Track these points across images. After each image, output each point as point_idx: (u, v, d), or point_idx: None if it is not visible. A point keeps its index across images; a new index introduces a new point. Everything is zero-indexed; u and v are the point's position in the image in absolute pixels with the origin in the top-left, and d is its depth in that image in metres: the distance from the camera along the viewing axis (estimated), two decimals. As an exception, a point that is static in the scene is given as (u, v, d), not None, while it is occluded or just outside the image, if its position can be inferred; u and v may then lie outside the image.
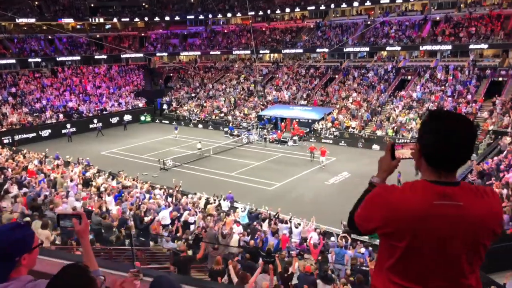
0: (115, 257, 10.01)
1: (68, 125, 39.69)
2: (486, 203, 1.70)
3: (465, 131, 1.68)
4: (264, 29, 52.80)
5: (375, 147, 31.61)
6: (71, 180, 17.07)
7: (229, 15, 55.63)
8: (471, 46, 36.49)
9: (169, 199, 17.52)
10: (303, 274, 9.67)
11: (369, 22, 45.07)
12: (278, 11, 51.92)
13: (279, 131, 34.98)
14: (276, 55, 51.29)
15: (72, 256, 4.53)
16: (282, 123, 36.77)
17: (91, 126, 41.29)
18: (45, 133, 38.58)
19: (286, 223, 15.67)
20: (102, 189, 17.22)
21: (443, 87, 34.93)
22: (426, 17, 41.57)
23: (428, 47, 39.21)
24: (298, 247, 13.92)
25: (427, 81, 36.53)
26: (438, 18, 41.18)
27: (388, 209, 1.72)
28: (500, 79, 34.33)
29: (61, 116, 41.03)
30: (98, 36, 55.44)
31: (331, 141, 33.36)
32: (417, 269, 1.72)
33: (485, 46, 36.05)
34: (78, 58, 50.89)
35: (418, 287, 1.72)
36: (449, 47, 37.85)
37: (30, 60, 47.50)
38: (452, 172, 1.74)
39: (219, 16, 56.92)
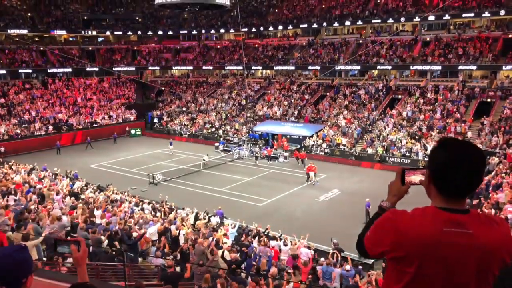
0: (101, 273, 9.79)
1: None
2: (496, 231, 1.70)
3: (474, 158, 1.69)
4: (256, 45, 53.27)
5: (365, 164, 31.78)
6: (57, 194, 16.79)
7: (222, 31, 56.10)
8: (461, 67, 37.11)
9: (158, 214, 17.31)
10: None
11: (360, 41, 45.73)
12: (271, 28, 52.52)
13: (269, 148, 34.90)
14: (268, 71, 51.65)
15: (61, 275, 4.41)
16: (275, 142, 36.73)
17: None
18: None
19: (276, 240, 15.54)
20: (90, 201, 16.97)
21: (432, 107, 35.36)
22: (416, 37, 42.30)
23: (419, 67, 39.80)
24: (288, 264, 13.81)
25: (417, 100, 36.97)
26: (428, 39, 41.93)
27: (397, 234, 1.73)
28: (489, 99, 34.89)
29: (50, 127, 40.64)
30: (90, 48, 55.47)
31: (321, 159, 33.43)
32: None
33: (474, 67, 36.70)
34: (70, 70, 50.70)
35: None
36: (439, 67, 38.47)
37: (20, 71, 47.28)
38: (461, 199, 1.75)
39: (212, 31, 57.39)
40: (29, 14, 52.70)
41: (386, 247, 1.77)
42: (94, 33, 55.86)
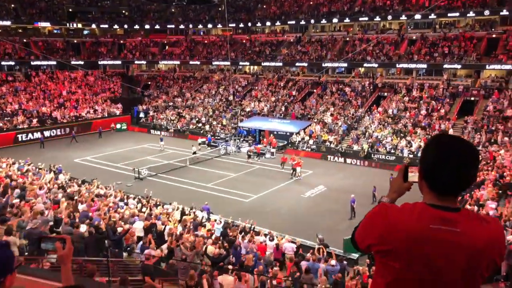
0: (84, 268, 9.67)
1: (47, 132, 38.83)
2: (486, 231, 1.66)
3: (464, 155, 1.66)
4: (244, 41, 53.11)
5: (351, 161, 32.03)
6: (40, 188, 16.53)
7: (209, 26, 55.78)
8: (445, 66, 37.58)
9: (144, 210, 17.19)
10: (274, 286, 9.62)
11: (347, 39, 45.95)
12: (258, 24, 52.40)
13: (258, 145, 34.70)
14: (255, 67, 51.58)
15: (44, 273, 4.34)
16: (264, 139, 36.54)
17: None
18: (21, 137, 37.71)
19: (262, 235, 15.59)
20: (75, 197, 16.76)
21: (418, 104, 35.76)
22: (403, 36, 42.66)
23: (404, 65, 40.19)
24: (275, 256, 13.93)
25: (402, 97, 37.34)
26: (414, 37, 42.34)
27: (384, 228, 1.72)
28: (472, 98, 35.43)
29: (34, 121, 39.97)
30: (75, 41, 54.61)
31: (308, 154, 33.60)
32: None
33: (459, 66, 37.21)
34: (54, 63, 49.83)
35: None
36: (424, 65, 38.91)
37: (3, 63, 46.39)
38: (452, 196, 1.72)
39: (200, 26, 57.03)
40: (12, 5, 51.60)
41: (374, 240, 1.76)
42: (80, 25, 54.99)
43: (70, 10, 55.34)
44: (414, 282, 1.68)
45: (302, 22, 49.11)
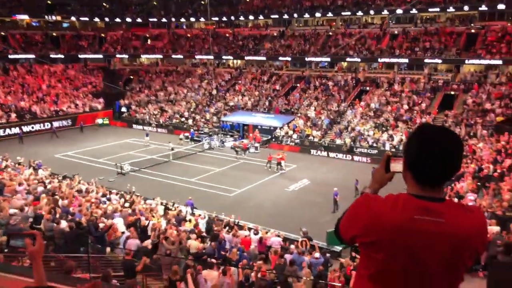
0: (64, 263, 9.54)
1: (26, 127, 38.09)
2: (470, 221, 1.65)
3: (449, 144, 1.65)
4: (227, 35, 52.80)
5: (334, 155, 32.29)
6: (20, 184, 16.21)
7: (192, 19, 55.24)
8: (426, 60, 38.08)
9: (127, 205, 17.02)
10: (259, 279, 9.68)
11: (330, 33, 46.12)
12: (241, 18, 52.11)
13: (245, 142, 34.42)
14: (239, 61, 51.37)
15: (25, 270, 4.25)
16: (251, 135, 36.30)
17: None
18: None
19: (246, 230, 15.62)
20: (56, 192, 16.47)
21: (399, 98, 36.19)
22: (385, 30, 43.03)
23: (386, 60, 40.56)
24: (260, 249, 13.98)
25: (384, 92, 37.74)
26: (396, 32, 42.75)
27: (368, 219, 1.70)
28: (452, 92, 36.03)
29: (12, 116, 39.09)
30: (55, 34, 53.44)
31: (292, 148, 33.73)
32: (396, 282, 1.69)
33: (440, 61, 37.76)
34: (33, 56, 48.70)
35: None
36: (406, 60, 39.35)
37: (-20, 56, 45.18)
38: (437, 186, 1.70)
39: (182, 19, 56.44)
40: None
41: (358, 231, 1.75)
42: (59, 18, 53.80)
43: (49, 2, 54.05)
44: (398, 274, 1.67)
45: (285, 16, 49.04)
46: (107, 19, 56.75)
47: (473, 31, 38.60)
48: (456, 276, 1.69)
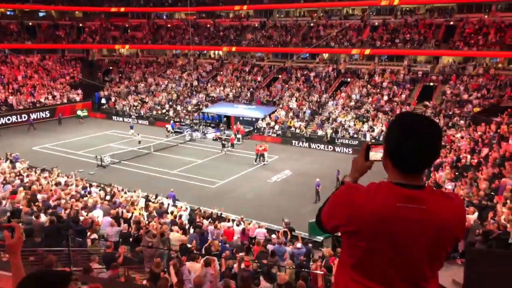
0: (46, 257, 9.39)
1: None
2: (450, 207, 1.68)
3: (428, 132, 1.66)
4: (208, 25, 52.27)
5: (315, 146, 32.52)
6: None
7: (173, 9, 54.42)
8: (406, 49, 38.53)
9: (107, 197, 16.84)
10: (242, 270, 9.73)
11: (312, 24, 46.13)
12: (221, 4, 51.45)
13: (232, 136, 33.99)
14: (220, 52, 51.00)
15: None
16: (234, 127, 35.92)
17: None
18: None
19: (229, 221, 15.65)
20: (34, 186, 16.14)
21: (380, 90, 36.57)
22: (365, 22, 43.27)
23: (367, 51, 40.83)
24: (243, 240, 14.04)
25: (365, 83, 38.07)
26: (376, 24, 43.05)
27: (351, 208, 1.71)
28: (432, 83, 36.60)
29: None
30: (30, 24, 51.98)
31: (274, 140, 33.82)
32: (379, 270, 1.70)
33: (418, 52, 38.25)
34: (7, 46, 47.26)
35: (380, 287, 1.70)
36: (386, 51, 39.72)
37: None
38: (417, 174, 1.73)
39: (163, 10, 55.56)
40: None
41: (340, 221, 1.76)
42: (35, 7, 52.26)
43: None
44: (381, 261, 1.68)
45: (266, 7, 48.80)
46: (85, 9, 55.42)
47: (451, 23, 39.19)
48: (438, 262, 1.71)
